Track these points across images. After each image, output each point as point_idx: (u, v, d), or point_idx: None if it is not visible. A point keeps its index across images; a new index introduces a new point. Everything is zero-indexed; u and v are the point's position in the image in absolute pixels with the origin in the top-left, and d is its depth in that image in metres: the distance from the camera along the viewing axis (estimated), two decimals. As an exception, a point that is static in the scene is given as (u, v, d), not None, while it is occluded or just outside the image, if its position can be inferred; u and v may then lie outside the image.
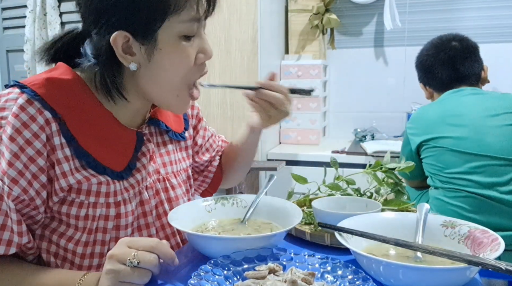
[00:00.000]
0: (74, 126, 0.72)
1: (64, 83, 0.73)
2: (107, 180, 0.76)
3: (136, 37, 0.70)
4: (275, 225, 0.84)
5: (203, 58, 0.76)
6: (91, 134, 0.74)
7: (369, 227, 0.72)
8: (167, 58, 0.72)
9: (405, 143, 1.65)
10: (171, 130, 0.90)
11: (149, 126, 0.87)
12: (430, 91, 1.72)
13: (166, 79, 0.74)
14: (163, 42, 0.71)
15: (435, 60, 1.64)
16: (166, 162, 0.89)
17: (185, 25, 0.71)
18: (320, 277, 0.64)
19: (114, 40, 0.70)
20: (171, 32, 0.71)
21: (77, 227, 0.75)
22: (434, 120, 1.53)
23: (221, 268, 0.64)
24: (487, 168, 1.41)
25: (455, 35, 1.67)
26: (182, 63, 0.73)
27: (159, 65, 0.73)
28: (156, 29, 0.70)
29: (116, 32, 0.69)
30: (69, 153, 0.72)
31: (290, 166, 2.18)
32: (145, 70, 0.74)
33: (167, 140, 0.91)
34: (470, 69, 1.61)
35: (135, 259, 0.62)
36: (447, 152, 1.47)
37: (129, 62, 0.72)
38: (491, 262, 0.55)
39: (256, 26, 2.06)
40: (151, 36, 0.70)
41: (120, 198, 0.78)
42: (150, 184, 0.84)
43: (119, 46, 0.70)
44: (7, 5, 2.69)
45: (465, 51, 1.62)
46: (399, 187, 0.99)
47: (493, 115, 1.47)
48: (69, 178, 0.72)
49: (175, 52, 0.72)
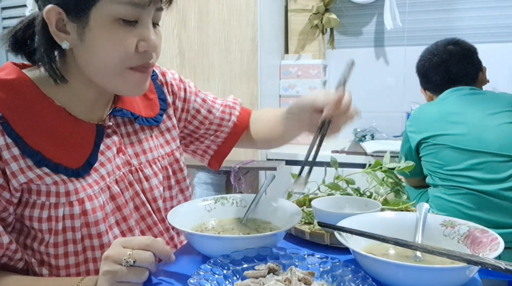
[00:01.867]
0: (19, 125, 0.70)
1: (7, 83, 0.71)
2: (62, 179, 0.73)
3: (68, 14, 0.67)
4: (274, 225, 0.84)
5: (145, 46, 0.70)
6: (40, 132, 0.72)
7: (368, 227, 0.72)
8: (99, 40, 0.68)
9: (405, 141, 1.66)
10: (138, 116, 0.86)
11: (115, 117, 0.84)
12: (429, 95, 1.76)
13: (101, 62, 0.70)
14: (96, 22, 0.67)
15: (429, 65, 1.69)
16: (139, 152, 0.86)
17: (122, 7, 0.66)
18: (319, 276, 0.64)
19: (47, 15, 0.67)
20: (105, 13, 0.67)
21: (42, 230, 0.73)
22: (433, 118, 1.55)
23: (220, 267, 0.64)
24: (487, 165, 1.42)
25: (451, 39, 1.70)
26: (116, 48, 0.69)
27: (92, 46, 0.69)
28: (89, 7, 0.66)
29: (49, 5, 0.66)
30: (17, 153, 0.70)
31: (290, 166, 2.18)
32: (80, 51, 0.71)
33: (138, 128, 0.87)
34: (463, 71, 1.63)
35: (131, 258, 0.62)
36: (447, 149, 1.48)
37: (62, 40, 0.69)
38: (490, 262, 0.55)
39: (256, 26, 2.06)
40: (83, 14, 0.67)
41: (83, 195, 0.75)
42: (120, 177, 0.81)
43: (53, 23, 0.68)
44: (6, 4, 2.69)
45: (460, 54, 1.65)
46: (398, 186, 0.99)
47: (493, 113, 1.48)
48: (19, 177, 0.69)
49: (108, 35, 0.68)
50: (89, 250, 0.76)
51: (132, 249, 0.63)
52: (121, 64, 0.71)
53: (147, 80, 0.76)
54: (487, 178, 1.41)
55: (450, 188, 1.48)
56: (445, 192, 1.49)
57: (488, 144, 1.43)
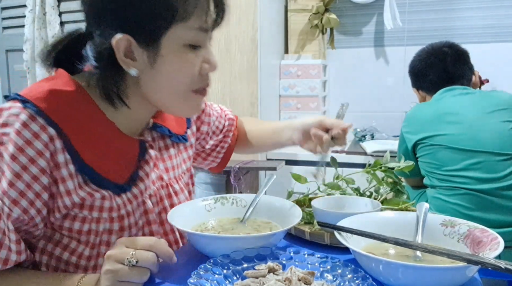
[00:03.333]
0: (78, 141, 0.70)
1: (67, 95, 0.71)
2: (109, 195, 0.74)
3: (139, 41, 0.68)
4: (274, 225, 0.84)
5: (207, 68, 0.74)
6: (95, 148, 0.72)
7: (368, 227, 0.72)
8: (170, 66, 0.70)
9: (401, 142, 1.67)
10: (174, 134, 0.88)
11: (151, 131, 0.85)
12: (423, 94, 1.76)
13: (169, 87, 0.72)
14: (167, 49, 0.68)
15: (426, 64, 1.69)
16: (169, 167, 0.87)
17: (191, 33, 0.69)
18: (319, 276, 0.64)
19: (116, 43, 0.67)
20: (176, 40, 0.68)
21: (80, 241, 0.74)
22: (429, 118, 1.55)
23: (220, 267, 0.64)
24: (484, 164, 1.42)
25: (445, 42, 1.71)
26: (186, 72, 0.71)
27: (161, 72, 0.70)
28: (160, 36, 0.67)
29: (119, 35, 0.67)
30: (73, 170, 0.70)
31: (289, 166, 2.18)
32: (147, 77, 0.71)
33: (169, 144, 0.89)
34: (460, 71, 1.64)
35: (133, 258, 0.62)
36: (444, 150, 1.48)
37: (130, 67, 0.69)
38: (490, 261, 0.55)
39: (255, 25, 2.06)
40: (155, 42, 0.68)
41: (123, 212, 0.77)
42: (154, 192, 0.83)
43: (121, 50, 0.68)
44: (6, 4, 2.69)
45: (455, 55, 1.66)
46: (398, 186, 0.99)
47: (488, 112, 1.49)
48: (73, 196, 0.70)
49: (179, 60, 0.70)
50: None
51: (135, 249, 0.64)
52: (187, 87, 0.73)
53: (203, 101, 0.79)
54: (485, 178, 1.41)
55: (448, 189, 1.48)
56: (443, 193, 1.49)
57: (485, 143, 1.43)
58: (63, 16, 2.47)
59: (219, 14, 0.72)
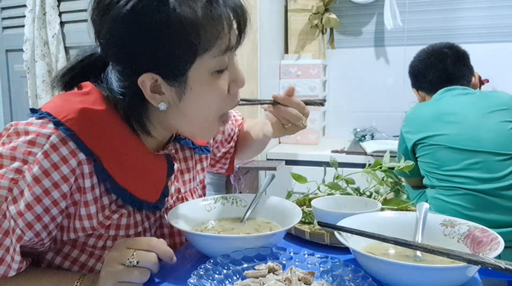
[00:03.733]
0: (110, 165, 0.68)
1: (98, 115, 0.69)
2: (128, 212, 0.73)
3: (165, 78, 0.66)
4: (274, 225, 0.84)
5: (236, 87, 0.72)
6: (127, 169, 0.71)
7: (368, 226, 0.72)
8: (199, 96, 0.68)
9: (401, 142, 1.67)
10: (197, 146, 0.88)
11: (174, 143, 0.85)
12: (422, 95, 1.76)
13: (199, 115, 0.71)
14: (194, 81, 0.67)
15: (426, 64, 1.70)
16: (186, 180, 0.87)
17: (216, 60, 0.67)
18: (319, 276, 0.64)
19: (142, 82, 0.66)
20: (202, 70, 0.67)
21: (93, 254, 0.73)
22: (428, 118, 1.55)
23: (220, 267, 0.64)
24: (483, 164, 1.42)
25: (446, 43, 1.72)
26: (215, 98, 0.70)
27: (191, 103, 0.69)
28: (186, 70, 0.66)
29: (144, 74, 0.65)
30: (98, 194, 0.69)
31: (289, 166, 2.18)
32: (176, 109, 0.70)
33: (189, 156, 0.88)
34: (459, 72, 1.65)
35: (134, 258, 0.62)
36: (443, 150, 1.48)
37: (159, 102, 0.68)
38: (490, 261, 0.55)
39: (255, 25, 2.06)
40: (181, 76, 0.66)
41: (141, 229, 0.76)
42: (171, 206, 0.82)
43: (147, 87, 0.67)
44: (6, 4, 2.69)
45: (455, 56, 1.67)
46: (398, 186, 0.99)
47: (487, 113, 1.49)
48: (93, 220, 0.69)
49: (207, 89, 0.68)
50: None
51: (135, 250, 0.63)
52: (216, 113, 0.72)
53: None
54: (484, 178, 1.41)
55: (447, 189, 1.48)
56: (443, 193, 1.49)
57: (484, 143, 1.43)
58: (63, 16, 2.46)
59: (242, 31, 0.69)
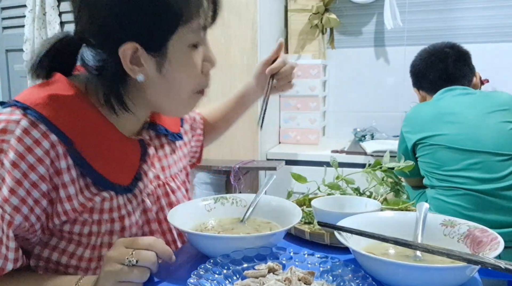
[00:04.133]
0: (82, 146, 0.70)
1: (67, 100, 0.70)
2: (110, 196, 0.74)
3: (146, 48, 0.68)
4: (274, 224, 0.84)
5: (209, 66, 0.75)
6: (99, 152, 0.72)
7: (368, 226, 0.72)
8: (176, 70, 0.70)
9: (401, 141, 1.67)
10: (170, 133, 0.89)
11: (148, 130, 0.86)
12: (423, 94, 1.76)
13: (176, 89, 0.73)
14: (173, 53, 0.69)
15: (427, 64, 1.70)
16: (165, 166, 0.87)
17: (195, 34, 0.69)
18: (319, 276, 0.64)
19: (123, 52, 0.67)
20: (181, 43, 0.69)
21: (80, 243, 0.74)
22: (429, 118, 1.55)
23: (220, 267, 0.64)
24: (484, 164, 1.42)
25: (447, 43, 1.72)
26: (192, 73, 0.72)
27: (169, 75, 0.70)
28: (167, 40, 0.68)
29: (126, 43, 0.66)
30: (75, 175, 0.70)
31: (289, 166, 2.18)
32: (153, 82, 0.71)
33: (165, 143, 0.89)
34: (460, 71, 1.65)
35: (133, 258, 0.62)
36: (443, 149, 1.48)
37: (137, 74, 0.69)
38: (490, 261, 0.55)
39: (255, 25, 2.06)
40: (161, 47, 0.68)
41: (124, 212, 0.77)
42: (152, 191, 0.82)
43: (127, 58, 0.68)
44: (6, 4, 2.69)
45: (456, 56, 1.67)
46: (398, 186, 0.99)
47: (487, 113, 1.49)
48: (73, 201, 0.70)
49: (185, 62, 0.70)
50: None
51: (134, 249, 0.64)
52: (192, 88, 0.74)
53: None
54: (484, 178, 1.41)
55: (447, 189, 1.48)
56: (443, 193, 1.49)
57: (484, 144, 1.43)
58: (63, 16, 2.47)
59: (216, 10, 0.72)
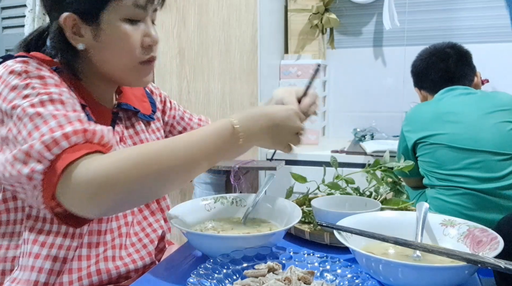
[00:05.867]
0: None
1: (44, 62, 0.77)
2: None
3: (82, 19, 0.75)
4: (274, 224, 0.85)
5: (149, 41, 0.79)
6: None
7: (368, 226, 0.72)
8: (111, 39, 0.76)
9: (401, 141, 1.67)
10: (139, 111, 0.92)
11: (119, 110, 0.89)
12: (424, 94, 1.76)
13: (115, 59, 0.78)
14: (107, 24, 0.75)
15: (428, 63, 1.69)
16: (137, 142, 0.90)
17: (127, 9, 0.75)
18: (319, 275, 0.64)
19: (63, 22, 0.74)
20: (114, 15, 0.75)
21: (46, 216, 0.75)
22: (429, 117, 1.55)
23: (220, 267, 0.64)
24: (484, 164, 1.42)
25: (448, 43, 1.71)
26: (126, 44, 0.77)
27: (105, 45, 0.77)
28: (99, 11, 0.74)
29: (65, 13, 0.74)
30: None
31: (289, 166, 2.18)
32: (95, 51, 0.78)
33: (135, 122, 0.92)
34: (461, 71, 1.65)
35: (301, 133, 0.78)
36: (444, 149, 1.48)
37: (78, 43, 0.76)
38: (490, 261, 0.55)
39: (255, 25, 2.06)
40: (95, 17, 0.75)
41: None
42: None
43: (69, 28, 0.75)
44: (6, 4, 2.69)
45: (457, 56, 1.66)
46: (398, 186, 0.99)
47: (488, 113, 1.49)
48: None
49: (119, 33, 0.76)
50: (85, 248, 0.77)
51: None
52: (131, 58, 0.79)
53: (152, 72, 0.85)
54: (484, 177, 1.42)
55: (447, 189, 1.48)
56: (443, 193, 1.49)
57: (484, 143, 1.44)
58: (63, 16, 2.47)
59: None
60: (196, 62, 2.16)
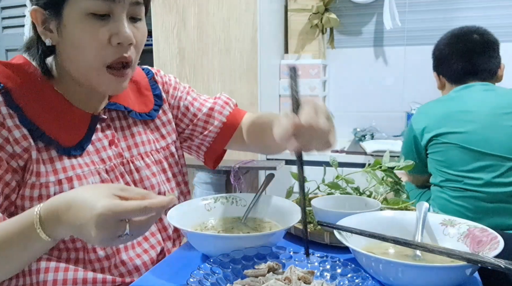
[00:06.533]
0: (19, 98, 0.73)
1: (14, 65, 0.76)
2: (54, 157, 0.75)
3: (48, 13, 0.73)
4: (274, 224, 0.85)
5: (117, 39, 0.73)
6: (38, 108, 0.75)
7: (368, 226, 0.72)
8: (74, 35, 0.72)
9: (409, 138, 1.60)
10: (131, 110, 0.89)
11: (110, 111, 0.87)
12: (443, 81, 1.66)
13: (79, 57, 0.74)
14: (70, 19, 0.72)
15: (453, 50, 1.59)
16: (131, 145, 0.88)
17: (91, 2, 0.70)
18: (319, 275, 0.64)
19: (33, 16, 0.73)
20: (77, 9, 0.71)
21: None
22: (443, 115, 1.48)
23: (220, 266, 0.64)
24: (492, 168, 1.39)
25: (477, 28, 1.61)
26: (90, 42, 0.72)
27: (69, 41, 0.73)
28: (60, 5, 0.72)
29: (33, 7, 0.73)
30: (17, 122, 0.72)
31: (289, 166, 2.18)
32: (61, 47, 0.76)
33: (131, 123, 0.89)
34: (486, 64, 1.56)
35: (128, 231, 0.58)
36: (456, 149, 1.43)
37: (47, 37, 0.75)
38: (490, 261, 0.55)
39: (255, 25, 2.06)
40: (57, 11, 0.72)
41: (71, 174, 0.76)
42: (111, 167, 0.83)
43: (39, 23, 0.74)
44: (6, 4, 2.69)
45: (485, 45, 1.57)
46: (398, 186, 0.99)
47: (504, 113, 1.42)
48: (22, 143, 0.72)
49: (81, 29, 0.72)
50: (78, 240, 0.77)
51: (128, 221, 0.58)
52: (96, 58, 0.73)
53: (125, 80, 0.78)
54: (492, 181, 1.38)
55: (455, 190, 1.45)
56: (449, 193, 1.46)
57: (497, 147, 1.38)
58: (63, 16, 2.47)
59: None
60: (196, 62, 2.16)
